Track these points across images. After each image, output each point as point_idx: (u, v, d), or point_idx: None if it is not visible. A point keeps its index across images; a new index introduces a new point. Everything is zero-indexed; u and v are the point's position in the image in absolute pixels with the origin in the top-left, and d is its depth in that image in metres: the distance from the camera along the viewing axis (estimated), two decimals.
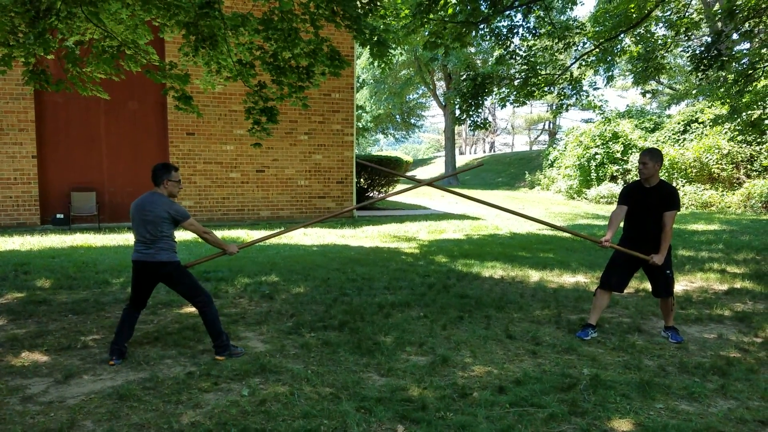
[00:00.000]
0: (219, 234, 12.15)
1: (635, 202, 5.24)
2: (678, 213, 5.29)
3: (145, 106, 14.25)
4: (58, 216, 13.46)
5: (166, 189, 4.64)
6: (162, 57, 12.58)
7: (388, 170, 6.84)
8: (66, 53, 6.28)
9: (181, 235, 11.93)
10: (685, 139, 21.63)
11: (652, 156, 5.14)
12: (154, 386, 4.01)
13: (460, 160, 46.10)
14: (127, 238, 11.39)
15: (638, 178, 5.31)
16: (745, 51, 14.64)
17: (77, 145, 13.75)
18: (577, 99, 15.06)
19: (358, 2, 6.71)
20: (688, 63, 13.97)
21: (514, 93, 13.36)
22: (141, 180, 14.38)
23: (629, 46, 14.37)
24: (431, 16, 10.34)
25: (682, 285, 7.56)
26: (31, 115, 13.06)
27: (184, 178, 14.40)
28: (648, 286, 6.56)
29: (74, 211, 13.45)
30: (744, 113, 15.47)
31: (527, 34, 12.87)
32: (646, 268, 5.31)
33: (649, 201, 5.17)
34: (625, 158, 22.75)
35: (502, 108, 14.39)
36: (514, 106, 14.80)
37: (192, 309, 6.10)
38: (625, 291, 7.19)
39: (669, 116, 25.83)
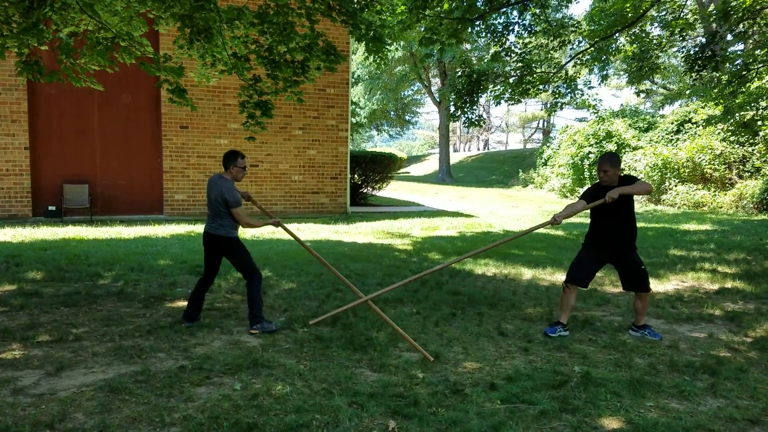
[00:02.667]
0: None
1: (597, 200, 5.09)
2: (648, 196, 5.36)
3: (138, 99, 14.19)
4: (51, 208, 13.39)
5: (230, 174, 5.20)
6: (156, 49, 12.52)
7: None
8: (60, 44, 6.24)
9: (174, 229, 11.90)
10: (678, 139, 21.71)
11: (612, 163, 5.08)
12: (146, 379, 4.00)
13: (455, 158, 46.13)
14: (120, 231, 11.36)
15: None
16: (738, 52, 14.72)
17: (70, 137, 13.69)
18: (571, 98, 15.11)
19: None
20: (683, 63, 14.03)
21: (509, 90, 13.38)
22: (134, 173, 14.34)
23: (624, 45, 14.43)
24: (427, 12, 10.34)
25: (673, 284, 7.60)
26: (24, 107, 12.99)
27: (177, 172, 14.36)
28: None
29: (66, 203, 13.39)
30: (737, 114, 15.57)
31: (523, 32, 12.89)
32: (616, 262, 5.30)
33: (612, 204, 4.99)
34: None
35: (496, 105, 14.42)
36: (508, 104, 14.83)
37: (184, 303, 6.10)
38: (616, 290, 7.25)
39: (662, 116, 25.91)
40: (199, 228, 12.14)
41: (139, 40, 6.77)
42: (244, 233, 11.53)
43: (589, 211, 5.31)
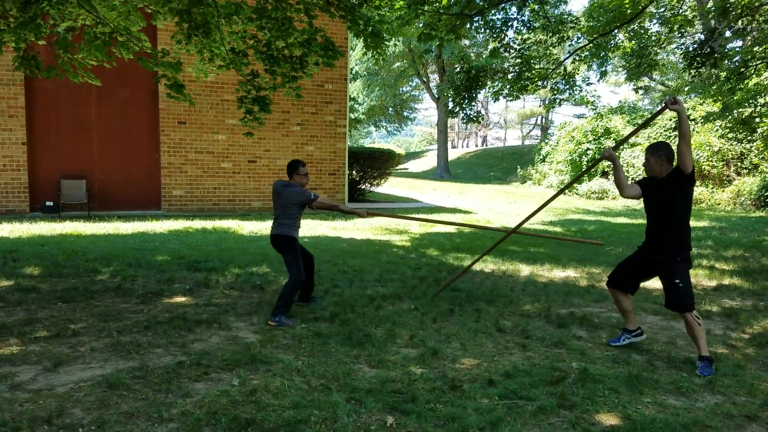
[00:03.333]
0: (209, 223, 12.12)
1: (644, 194, 4.62)
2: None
3: (136, 94, 14.16)
4: (48, 203, 13.37)
5: (296, 180, 5.70)
6: (154, 44, 12.49)
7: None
8: (57, 39, 6.22)
9: (172, 225, 11.89)
10: (676, 136, 21.72)
11: (653, 151, 4.51)
12: (143, 375, 4.00)
13: (453, 154, 46.11)
14: (117, 227, 11.34)
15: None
16: (737, 49, 14.72)
17: (68, 133, 13.66)
18: (570, 94, 15.09)
19: None
20: (681, 60, 14.02)
21: (508, 87, 13.37)
22: (131, 168, 14.32)
23: (623, 41, 14.41)
24: (426, 7, 10.32)
25: None
26: (21, 102, 12.95)
27: (175, 167, 14.34)
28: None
29: (64, 198, 13.36)
30: (735, 111, 15.57)
31: (522, 28, 12.87)
32: (659, 272, 4.61)
33: (655, 194, 4.54)
34: (616, 154, 22.85)
35: (495, 102, 14.43)
36: (507, 100, 14.92)
37: (182, 299, 6.11)
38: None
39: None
40: (197, 223, 12.14)
41: (137, 35, 6.75)
42: (256, 231, 11.53)
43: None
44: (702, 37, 12.95)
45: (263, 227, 11.92)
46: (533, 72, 12.99)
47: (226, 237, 10.53)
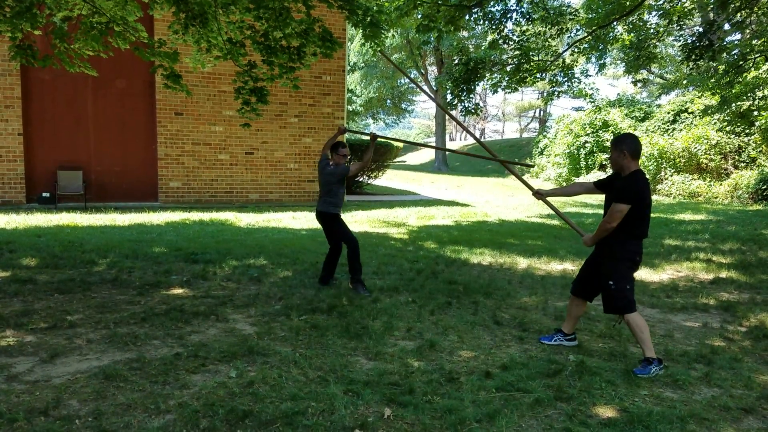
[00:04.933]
0: (207, 215, 12.10)
1: (609, 192, 4.49)
2: (645, 205, 4.23)
3: (133, 85, 14.09)
4: (44, 195, 13.33)
5: (334, 161, 6.32)
6: (151, 35, 12.42)
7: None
8: (53, 29, 6.18)
9: (169, 217, 11.86)
10: (674, 129, 21.72)
11: (616, 144, 4.34)
12: (140, 367, 3.99)
13: (451, 146, 46.02)
14: (114, 219, 11.32)
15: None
16: (736, 42, 14.69)
17: (64, 124, 13.59)
18: (568, 86, 15.06)
19: None
20: (680, 53, 13.99)
21: (506, 79, 13.33)
22: (128, 159, 14.27)
23: (622, 34, 14.36)
24: None
25: (668, 274, 7.62)
26: (17, 92, 12.89)
27: (172, 159, 14.30)
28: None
29: (60, 190, 13.32)
30: (733, 104, 15.55)
31: (521, 19, 12.82)
32: (597, 273, 4.52)
33: (609, 195, 4.45)
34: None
35: (493, 94, 14.40)
36: (505, 92, 14.84)
37: (179, 290, 6.11)
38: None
39: (659, 106, 25.92)
40: (194, 215, 12.11)
41: (133, 25, 6.71)
42: (253, 223, 11.53)
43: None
44: (700, 29, 12.92)
45: (260, 219, 11.90)
46: (532, 64, 12.95)
47: (224, 229, 10.51)
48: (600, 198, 5.69)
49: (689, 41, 12.09)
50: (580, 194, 4.87)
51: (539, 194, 5.10)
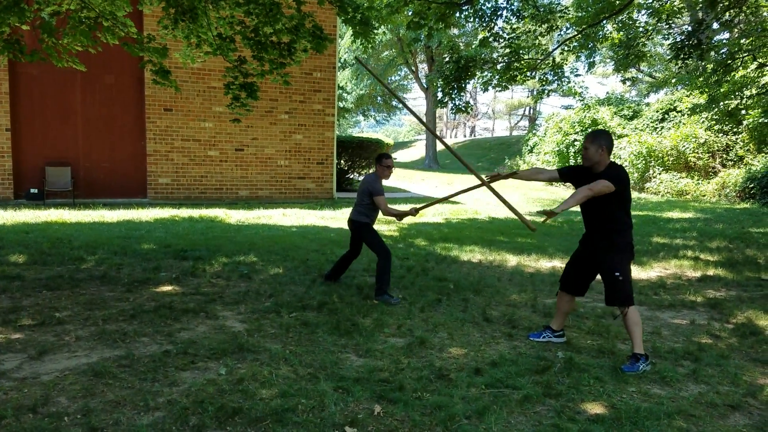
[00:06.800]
0: (196, 212, 12.05)
1: (577, 183, 4.43)
2: (620, 192, 4.19)
3: (122, 81, 14.00)
4: (32, 191, 13.21)
5: (377, 171, 6.14)
6: (140, 30, 12.33)
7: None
8: (42, 23, 6.12)
9: (158, 213, 11.80)
10: (663, 128, 21.86)
11: (594, 139, 4.30)
12: (129, 364, 3.98)
13: (441, 144, 46.09)
14: (102, 215, 11.24)
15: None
16: (724, 41, 14.79)
17: (52, 119, 13.48)
18: (558, 85, 15.11)
19: None
20: (668, 51, 14.07)
21: (497, 77, 13.35)
22: (117, 155, 14.18)
23: (611, 32, 14.43)
24: None
25: (656, 271, 7.68)
26: (5, 87, 12.76)
27: (161, 155, 14.22)
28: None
29: (49, 186, 13.22)
30: (721, 103, 15.68)
31: (511, 17, 12.84)
32: (596, 266, 4.49)
33: (578, 185, 4.40)
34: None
35: (484, 92, 14.48)
36: (496, 91, 14.89)
37: (168, 287, 6.09)
38: (600, 276, 7.29)
39: (648, 104, 26.05)
40: (183, 212, 12.07)
41: (122, 21, 6.66)
42: (243, 220, 11.49)
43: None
44: (689, 28, 13.00)
45: (250, 216, 11.87)
46: (522, 62, 12.98)
47: (213, 226, 10.47)
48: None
49: (678, 40, 12.15)
50: (540, 181, 4.71)
51: (489, 180, 4.97)
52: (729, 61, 12.39)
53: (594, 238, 4.46)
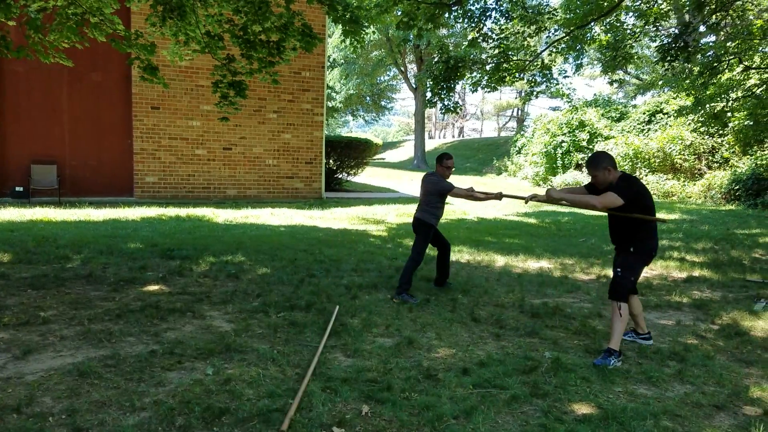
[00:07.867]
0: (183, 211, 11.98)
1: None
2: (632, 202, 4.35)
3: (109, 78, 13.89)
4: (18, 189, 13.08)
5: (439, 172, 6.16)
6: (128, 27, 12.25)
7: None
8: (28, 20, 6.05)
9: (145, 212, 11.72)
10: (649, 129, 22.01)
11: (596, 166, 4.46)
12: (115, 364, 3.94)
13: (430, 144, 46.16)
14: (89, 214, 11.15)
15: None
16: (711, 44, 14.91)
17: (38, 117, 13.35)
18: (546, 86, 15.17)
19: None
20: (656, 53, 14.16)
21: (486, 78, 13.38)
22: (103, 154, 14.07)
23: (599, 34, 14.50)
24: None
25: (642, 272, 7.71)
26: None
27: (148, 153, 14.13)
28: (609, 272, 6.61)
29: (34, 184, 13.09)
30: (708, 105, 15.78)
31: (500, 18, 12.88)
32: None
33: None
34: (590, 147, 23.07)
35: (473, 92, 14.49)
36: (485, 91, 14.88)
37: (155, 287, 6.05)
38: (587, 277, 7.34)
39: (635, 106, 26.22)
40: (170, 211, 12.00)
41: (110, 18, 6.60)
42: (231, 219, 11.43)
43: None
44: (676, 31, 13.09)
45: (238, 215, 11.82)
46: (511, 63, 13.01)
47: (201, 225, 10.42)
48: None
49: (665, 42, 12.23)
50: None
51: (549, 196, 4.72)
52: (715, 64, 12.47)
53: (618, 241, 4.66)
